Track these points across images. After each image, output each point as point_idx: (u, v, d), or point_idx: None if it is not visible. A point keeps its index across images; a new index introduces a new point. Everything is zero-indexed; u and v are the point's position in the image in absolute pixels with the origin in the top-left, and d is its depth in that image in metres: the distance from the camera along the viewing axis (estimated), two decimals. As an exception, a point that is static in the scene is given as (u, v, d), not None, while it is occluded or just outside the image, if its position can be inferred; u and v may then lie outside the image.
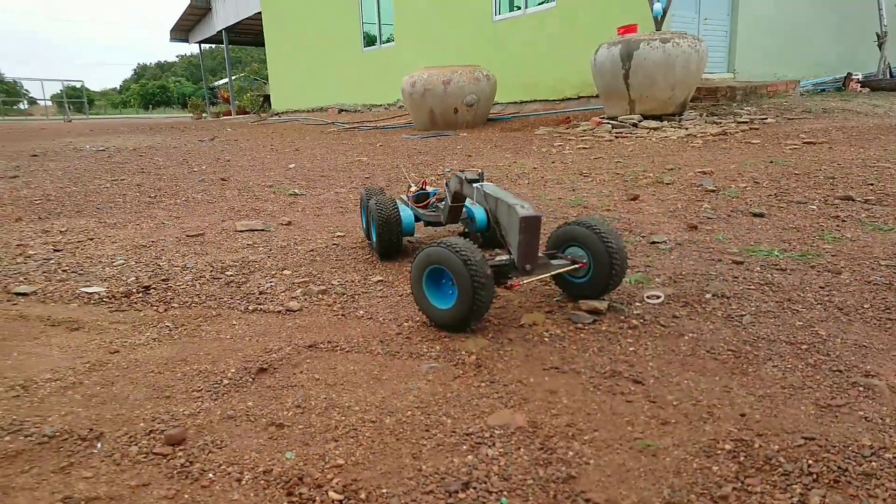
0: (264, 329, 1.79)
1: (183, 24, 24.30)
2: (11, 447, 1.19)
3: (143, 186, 4.57)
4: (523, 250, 1.72)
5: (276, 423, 1.27)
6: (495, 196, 1.87)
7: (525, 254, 1.72)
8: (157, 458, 1.16)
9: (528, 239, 1.71)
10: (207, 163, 6.04)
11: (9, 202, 3.97)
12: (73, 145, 8.54)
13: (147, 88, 53.42)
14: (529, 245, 1.72)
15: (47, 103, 35.53)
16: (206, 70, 31.27)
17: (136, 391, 1.42)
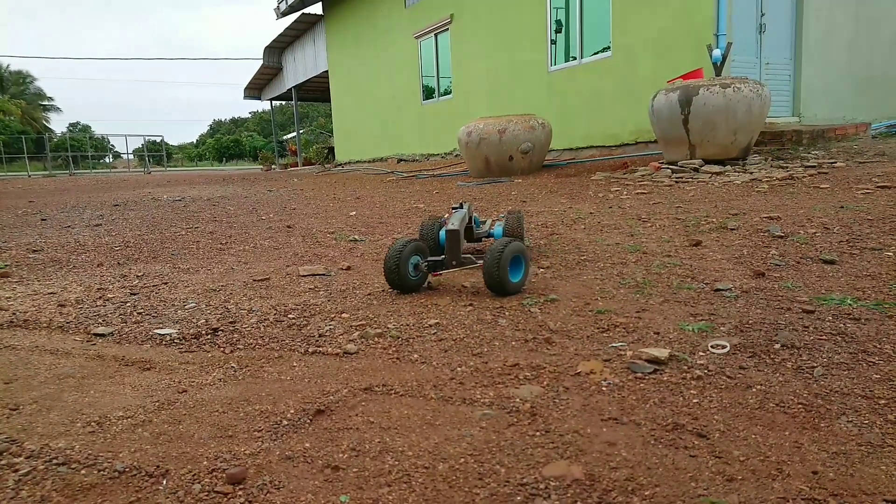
0: (322, 371, 1.83)
1: (256, 83, 26.03)
2: (86, 480, 1.26)
3: (215, 234, 4.83)
4: (448, 252, 2.76)
5: (332, 465, 1.29)
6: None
7: (449, 253, 2.76)
8: (218, 496, 1.20)
9: (450, 245, 2.75)
10: (275, 211, 6.33)
11: (92, 248, 4.28)
12: (152, 195, 9.16)
13: (221, 142, 56.95)
14: (451, 249, 2.75)
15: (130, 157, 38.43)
16: (276, 125, 33.13)
17: (201, 430, 1.47)
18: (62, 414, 1.57)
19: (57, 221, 6.07)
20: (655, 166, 6.64)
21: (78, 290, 3.03)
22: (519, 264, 2.63)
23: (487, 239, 3.52)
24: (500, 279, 2.48)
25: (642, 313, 2.26)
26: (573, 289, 2.67)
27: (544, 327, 2.17)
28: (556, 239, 3.81)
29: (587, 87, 9.40)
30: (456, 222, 2.82)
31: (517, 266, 2.62)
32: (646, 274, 2.84)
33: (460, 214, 2.99)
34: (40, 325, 2.41)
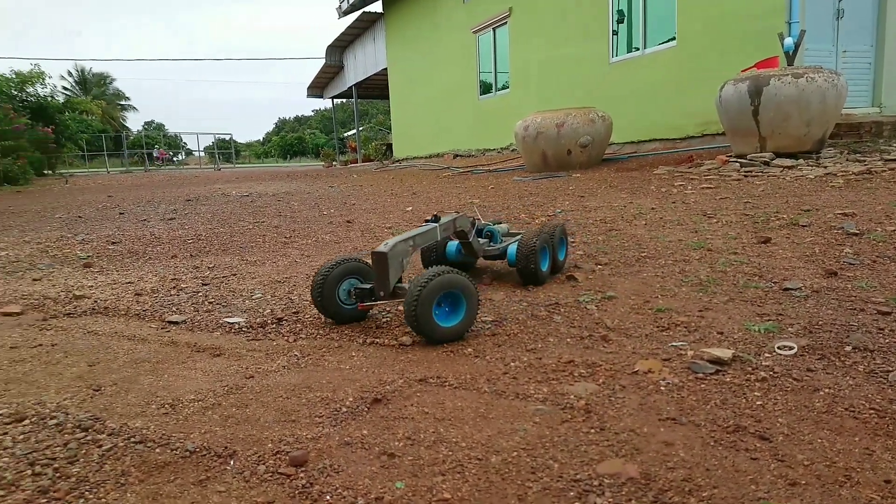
0: (379, 361, 1.88)
1: (318, 82, 26.73)
2: (160, 458, 1.35)
3: (279, 228, 5.02)
4: (376, 280, 2.12)
5: (388, 452, 1.33)
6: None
7: (377, 282, 2.12)
8: (281, 477, 1.26)
9: (376, 269, 2.10)
10: (335, 207, 6.51)
11: (166, 241, 4.53)
12: (222, 191, 9.59)
13: (286, 140, 58.83)
14: (380, 277, 2.10)
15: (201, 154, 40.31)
16: (337, 122, 33.90)
17: (266, 414, 1.55)
18: (139, 396, 1.69)
19: (134, 215, 6.46)
20: (723, 160, 6.39)
21: (153, 280, 3.22)
22: (457, 304, 2.01)
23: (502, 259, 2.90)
24: (419, 323, 1.93)
25: (705, 312, 2.20)
26: (632, 286, 2.62)
27: (601, 325, 2.14)
28: (615, 235, 3.74)
29: (650, 79, 9.13)
30: (392, 243, 2.12)
31: (454, 306, 2.02)
32: (710, 272, 2.75)
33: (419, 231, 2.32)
34: (119, 313, 2.59)
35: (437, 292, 1.94)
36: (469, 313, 2.02)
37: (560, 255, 2.85)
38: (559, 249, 2.83)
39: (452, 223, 2.55)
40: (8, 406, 1.62)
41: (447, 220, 2.51)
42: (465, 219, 2.63)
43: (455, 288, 1.98)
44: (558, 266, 2.84)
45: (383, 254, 2.06)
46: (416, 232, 2.29)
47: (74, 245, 4.49)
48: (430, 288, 1.92)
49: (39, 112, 21.18)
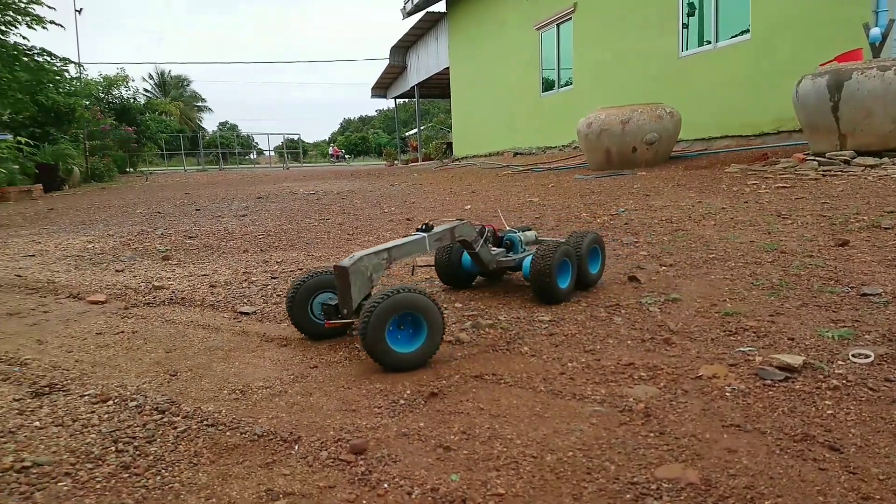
0: (437, 356, 1.91)
1: (382, 82, 27.21)
2: (231, 441, 1.43)
3: (343, 225, 5.16)
4: (340, 297, 1.96)
5: (444, 445, 1.36)
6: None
7: (340, 300, 1.96)
8: (342, 464, 1.31)
9: (339, 285, 1.93)
10: (396, 205, 6.62)
11: (238, 236, 4.75)
12: (290, 189, 9.94)
13: (350, 139, 60.29)
14: (342, 294, 1.93)
15: (271, 153, 41.89)
16: (399, 122, 34.41)
17: (329, 403, 1.61)
18: (212, 381, 1.79)
19: (209, 212, 6.80)
20: (799, 158, 6.06)
21: (226, 272, 3.39)
22: (418, 327, 1.82)
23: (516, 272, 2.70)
24: (368, 347, 1.76)
25: (776, 317, 2.10)
26: (698, 288, 2.54)
27: (664, 327, 2.09)
28: (682, 235, 3.63)
29: (722, 73, 8.76)
30: (357, 256, 1.92)
31: (415, 329, 1.83)
32: (783, 275, 2.62)
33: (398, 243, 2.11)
34: (195, 303, 2.74)
35: (390, 314, 1.74)
36: (431, 338, 1.80)
37: (592, 269, 2.58)
38: (590, 262, 2.56)
39: (449, 232, 2.31)
40: (94, 387, 1.76)
41: (442, 230, 2.28)
42: (467, 227, 2.39)
43: (413, 309, 1.77)
44: (589, 280, 2.56)
45: (344, 268, 1.89)
46: (393, 244, 2.09)
47: (154, 239, 4.78)
48: (382, 309, 1.72)
49: (123, 113, 22.61)
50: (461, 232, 2.36)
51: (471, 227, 2.41)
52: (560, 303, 2.41)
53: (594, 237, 2.59)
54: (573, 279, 2.46)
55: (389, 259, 2.04)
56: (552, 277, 2.32)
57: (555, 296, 2.38)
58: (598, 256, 2.63)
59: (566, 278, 2.44)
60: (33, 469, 1.30)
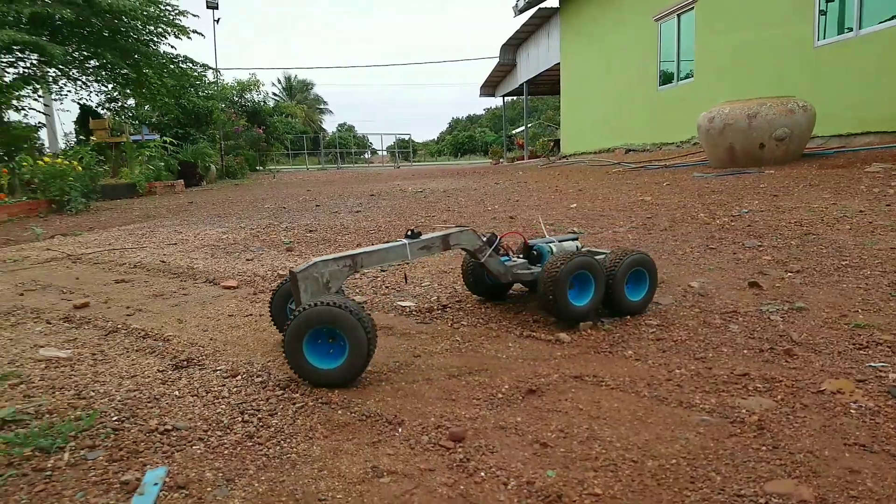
0: (535, 354, 1.92)
1: (491, 80, 27.32)
2: (342, 419, 1.53)
3: (448, 222, 5.28)
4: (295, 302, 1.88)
5: (541, 441, 1.37)
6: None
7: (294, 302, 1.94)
8: (441, 449, 1.36)
9: (292, 289, 1.89)
10: (499, 203, 6.65)
11: (352, 231, 5.01)
12: (399, 187, 10.30)
13: (458, 138, 61.11)
14: (294, 296, 1.89)
15: (383, 153, 43.56)
16: (507, 120, 34.36)
17: (430, 391, 1.68)
18: (326, 364, 1.92)
19: (327, 208, 7.23)
20: (962, 155, 5.31)
21: (339, 265, 3.60)
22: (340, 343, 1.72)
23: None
24: (288, 361, 1.72)
25: (919, 332, 1.88)
26: (827, 297, 2.33)
27: (785, 337, 1.95)
28: (812, 240, 3.33)
29: (865, 63, 7.87)
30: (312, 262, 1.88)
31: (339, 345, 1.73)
32: (931, 286, 2.34)
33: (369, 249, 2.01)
34: (312, 292, 2.95)
35: (305, 328, 1.69)
36: (353, 355, 1.69)
37: (631, 294, 2.22)
38: (629, 286, 2.22)
39: (441, 240, 2.12)
40: (226, 363, 1.95)
41: (431, 237, 2.12)
42: (467, 235, 2.17)
43: (331, 324, 1.68)
44: (625, 307, 2.21)
45: (294, 274, 1.87)
46: (362, 250, 1.98)
47: (279, 232, 5.17)
48: (298, 321, 1.68)
49: (254, 115, 24.52)
50: (459, 240, 2.16)
51: (473, 236, 2.20)
52: (572, 322, 2.13)
53: (639, 258, 2.21)
54: (595, 298, 2.13)
55: (353, 266, 1.94)
56: (558, 289, 2.03)
57: (560, 311, 2.08)
58: (645, 282, 2.25)
59: (583, 295, 2.13)
60: (173, 432, 1.48)
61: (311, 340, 1.72)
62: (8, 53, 12.52)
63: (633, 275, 2.23)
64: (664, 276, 2.81)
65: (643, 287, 2.26)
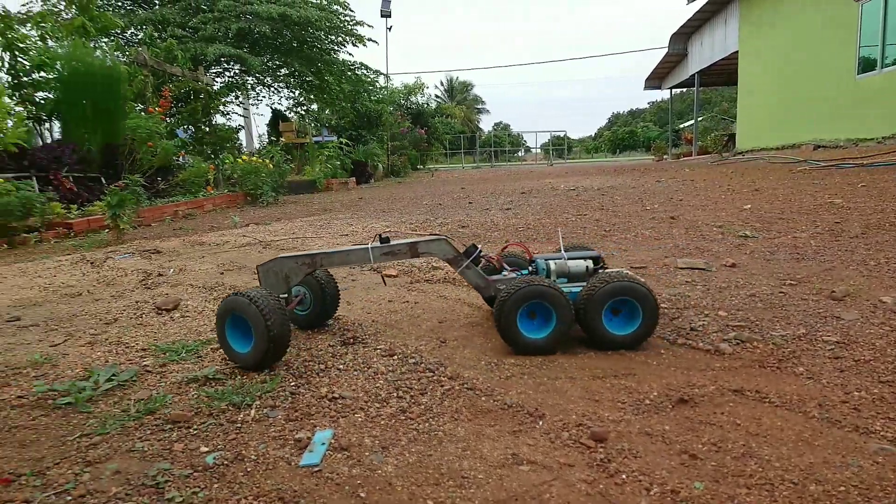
0: (690, 364, 1.83)
1: (658, 73, 25.84)
2: (485, 405, 1.60)
3: (600, 221, 5.14)
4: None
5: (690, 452, 1.31)
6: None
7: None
8: (581, 447, 1.37)
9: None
10: (660, 202, 6.30)
11: (502, 227, 5.10)
12: (551, 185, 10.21)
13: (617, 134, 58.70)
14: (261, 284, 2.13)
15: (537, 150, 43.33)
16: (674, 113, 32.24)
17: (573, 389, 1.68)
18: (472, 351, 2.01)
19: (479, 205, 7.42)
20: None
21: (490, 260, 3.70)
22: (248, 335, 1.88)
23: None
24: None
25: None
26: None
27: None
28: None
29: None
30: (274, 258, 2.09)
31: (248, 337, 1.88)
32: None
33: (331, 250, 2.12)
34: (463, 284, 3.07)
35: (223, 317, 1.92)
36: (256, 348, 1.84)
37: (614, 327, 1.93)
38: (610, 317, 1.94)
39: (408, 247, 2.11)
40: (384, 344, 2.13)
41: (398, 243, 2.11)
42: (438, 244, 2.11)
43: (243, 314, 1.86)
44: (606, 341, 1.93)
45: (257, 267, 2.13)
46: (323, 251, 2.11)
47: (434, 226, 5.44)
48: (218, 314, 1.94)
49: (417, 117, 25.84)
50: (429, 248, 2.11)
51: (445, 245, 2.11)
52: (527, 354, 1.93)
53: (624, 287, 1.89)
54: (558, 330, 1.91)
55: (312, 265, 2.10)
56: (506, 319, 1.90)
57: (510, 343, 1.95)
58: (636, 315, 1.92)
59: (540, 327, 1.95)
60: (339, 400, 1.67)
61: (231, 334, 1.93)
62: (217, 65, 14.59)
63: (619, 306, 1.94)
64: (850, 287, 2.49)
65: (633, 321, 1.93)
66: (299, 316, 2.35)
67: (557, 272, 2.13)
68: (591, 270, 2.14)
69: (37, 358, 2.09)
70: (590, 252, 2.24)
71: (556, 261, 2.15)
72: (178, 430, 1.51)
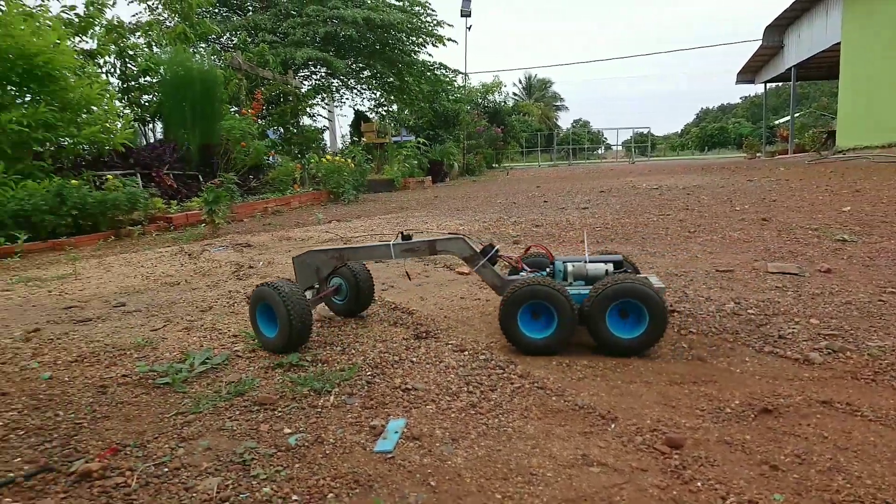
0: (776, 373, 1.74)
1: (751, 66, 24.40)
2: (556, 405, 1.60)
3: (684, 222, 4.95)
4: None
5: (771, 463, 1.26)
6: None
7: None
8: (655, 452, 1.34)
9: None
10: (751, 202, 5.97)
11: (578, 227, 5.02)
12: (632, 184, 9.90)
13: (706, 131, 55.87)
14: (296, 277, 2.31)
15: (618, 148, 42.06)
16: (768, 109, 30.33)
17: (648, 394, 1.65)
18: (545, 352, 2.01)
19: (554, 204, 7.33)
20: None
21: (565, 260, 3.66)
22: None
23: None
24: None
25: None
26: None
27: None
28: None
29: None
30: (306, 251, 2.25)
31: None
32: None
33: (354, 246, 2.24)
34: (537, 284, 3.06)
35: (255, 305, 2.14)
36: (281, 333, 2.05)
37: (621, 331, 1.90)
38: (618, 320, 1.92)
39: (428, 245, 2.19)
40: (455, 339, 2.17)
41: (419, 241, 2.20)
42: (456, 242, 2.18)
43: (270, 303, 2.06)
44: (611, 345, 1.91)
45: (293, 258, 2.31)
46: (350, 246, 2.27)
47: (508, 225, 5.43)
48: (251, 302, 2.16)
49: (494, 115, 25.79)
50: (447, 246, 2.19)
51: (463, 244, 2.18)
52: (529, 354, 1.95)
53: (628, 288, 1.86)
54: (561, 332, 1.92)
55: (340, 259, 2.26)
56: (507, 318, 1.95)
57: (513, 341, 1.98)
58: (643, 318, 1.88)
59: (543, 328, 1.96)
60: (412, 391, 1.72)
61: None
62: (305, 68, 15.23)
63: (626, 308, 1.90)
64: (966, 299, 2.27)
65: (639, 324, 1.89)
66: (337, 305, 2.54)
67: (574, 274, 2.13)
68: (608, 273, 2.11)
69: (139, 341, 2.29)
70: (613, 256, 2.23)
71: (573, 263, 2.15)
72: (264, 412, 1.62)
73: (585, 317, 1.91)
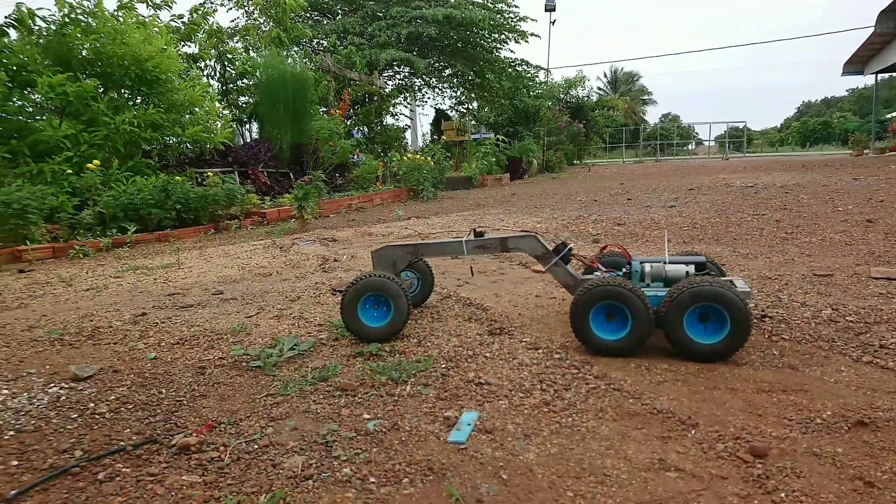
0: (875, 384, 1.62)
1: (860, 56, 22.38)
2: (632, 408, 1.57)
3: (781, 223, 4.65)
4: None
5: (865, 479, 1.18)
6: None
7: None
8: (737, 460, 1.30)
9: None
10: (855, 203, 5.52)
11: (663, 226, 4.84)
12: (725, 181, 9.40)
13: (808, 125, 51.89)
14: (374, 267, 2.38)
15: (710, 143, 39.90)
16: (878, 101, 27.72)
17: (733, 401, 1.58)
18: (623, 353, 1.97)
19: (639, 201, 7.10)
20: None
21: (647, 260, 3.55)
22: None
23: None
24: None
25: None
26: None
27: None
28: None
29: None
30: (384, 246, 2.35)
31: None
32: None
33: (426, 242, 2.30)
34: (617, 284, 2.99)
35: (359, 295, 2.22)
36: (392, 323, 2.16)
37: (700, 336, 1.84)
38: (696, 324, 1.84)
39: (500, 242, 2.26)
40: (530, 336, 2.18)
41: (490, 238, 2.27)
42: (528, 241, 2.21)
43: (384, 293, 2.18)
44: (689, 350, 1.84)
45: (371, 252, 2.37)
46: (424, 242, 2.34)
47: (588, 224, 5.33)
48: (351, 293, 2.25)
49: (577, 111, 25.23)
50: (518, 244, 2.24)
51: (535, 242, 2.21)
52: (601, 355, 1.93)
53: (707, 291, 1.79)
54: (634, 334, 1.87)
55: (415, 253, 2.34)
56: (578, 318, 1.93)
57: (585, 341, 1.96)
58: (724, 322, 1.80)
59: (617, 329, 1.92)
60: (485, 385, 1.75)
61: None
62: (388, 69, 15.60)
63: (706, 312, 1.84)
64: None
65: (720, 329, 1.82)
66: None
67: (652, 275, 2.07)
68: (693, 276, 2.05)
69: (235, 326, 2.47)
70: (695, 258, 2.16)
71: (651, 264, 2.08)
72: (346, 397, 1.70)
73: (662, 320, 1.86)
